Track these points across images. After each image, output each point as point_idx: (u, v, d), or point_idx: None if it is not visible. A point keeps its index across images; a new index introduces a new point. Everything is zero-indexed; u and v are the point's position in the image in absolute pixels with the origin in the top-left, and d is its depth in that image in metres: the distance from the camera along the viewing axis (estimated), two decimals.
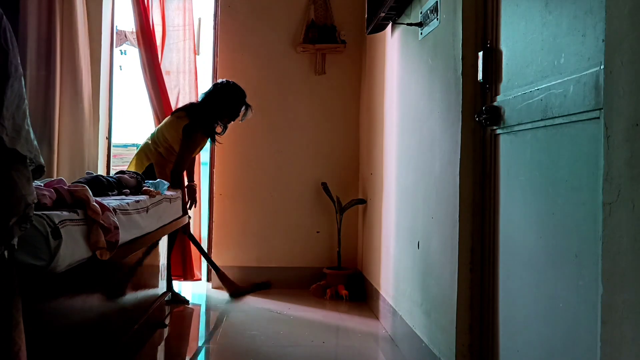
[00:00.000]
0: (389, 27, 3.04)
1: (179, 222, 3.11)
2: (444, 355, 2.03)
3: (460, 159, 1.91)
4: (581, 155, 1.28)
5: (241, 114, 3.55)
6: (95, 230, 1.63)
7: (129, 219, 2.01)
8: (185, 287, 3.95)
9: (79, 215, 1.58)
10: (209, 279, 4.07)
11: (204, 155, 4.02)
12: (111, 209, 1.78)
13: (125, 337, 2.19)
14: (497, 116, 1.72)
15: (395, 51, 2.96)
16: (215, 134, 3.56)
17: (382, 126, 3.27)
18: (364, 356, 2.68)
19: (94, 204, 1.66)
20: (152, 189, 2.59)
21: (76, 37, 3.61)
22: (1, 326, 1.12)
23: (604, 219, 1.10)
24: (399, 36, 2.85)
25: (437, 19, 2.19)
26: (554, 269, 1.40)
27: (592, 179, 1.23)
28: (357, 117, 4.09)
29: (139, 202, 2.22)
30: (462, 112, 1.91)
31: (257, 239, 4.01)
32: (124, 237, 1.85)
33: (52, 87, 3.54)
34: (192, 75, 4.11)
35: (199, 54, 4.29)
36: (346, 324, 3.17)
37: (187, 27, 4.13)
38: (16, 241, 1.17)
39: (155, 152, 3.43)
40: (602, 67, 1.15)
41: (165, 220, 2.70)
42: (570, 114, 1.31)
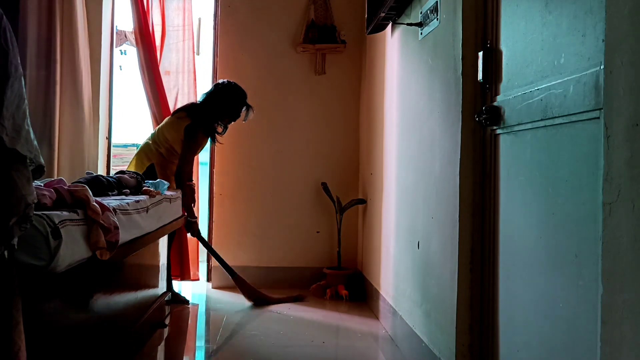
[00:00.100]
0: (389, 27, 3.04)
1: (179, 222, 3.11)
2: (444, 355, 2.03)
3: (460, 159, 1.92)
4: (581, 155, 1.28)
5: (242, 114, 3.55)
6: (95, 230, 1.63)
7: (129, 219, 2.01)
8: (185, 287, 3.94)
9: (79, 215, 1.58)
10: (209, 279, 4.07)
11: (204, 155, 4.02)
12: (111, 209, 1.77)
13: (125, 337, 2.18)
14: (497, 116, 1.72)
15: (395, 51, 2.96)
16: (215, 134, 3.56)
17: (382, 126, 3.27)
18: (364, 356, 2.68)
19: (94, 204, 1.66)
20: (152, 189, 2.59)
21: (76, 37, 3.61)
22: (1, 326, 1.11)
23: (604, 219, 1.10)
24: (399, 36, 2.85)
25: (437, 19, 2.19)
26: (554, 269, 1.40)
27: (592, 179, 1.23)
28: (357, 117, 4.08)
29: (139, 202, 2.22)
30: (462, 112, 1.91)
31: (257, 239, 4.01)
32: (124, 237, 1.85)
33: (52, 87, 3.54)
34: (191, 75, 4.11)
35: (198, 54, 4.29)
36: (346, 324, 3.17)
37: (187, 27, 4.12)
38: (16, 241, 1.16)
39: (156, 152, 3.42)
40: (602, 67, 1.15)
41: (165, 220, 2.70)
42: (570, 114, 1.31)
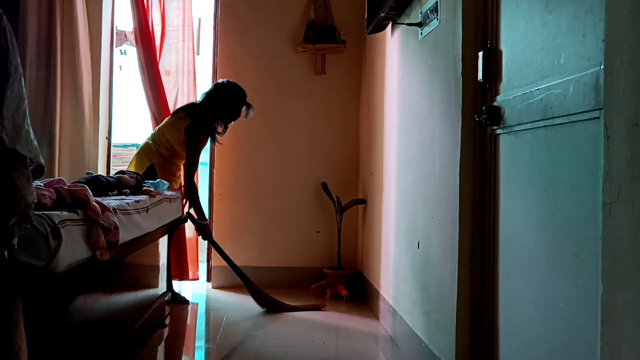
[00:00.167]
0: (389, 27, 3.03)
1: (179, 222, 3.11)
2: (444, 355, 2.03)
3: (460, 159, 1.92)
4: (581, 155, 1.28)
5: (242, 113, 3.55)
6: (95, 230, 1.63)
7: (129, 219, 2.01)
8: (185, 287, 3.94)
9: (79, 215, 1.58)
10: (209, 279, 4.07)
11: (204, 155, 4.01)
12: (111, 209, 1.78)
13: (125, 337, 2.18)
14: (497, 116, 1.72)
15: (395, 51, 2.96)
16: (216, 133, 3.56)
17: (382, 126, 3.27)
18: (364, 356, 2.68)
19: (94, 204, 1.66)
20: (152, 189, 2.60)
21: (76, 37, 3.61)
22: (1, 326, 1.12)
23: (604, 219, 1.10)
24: (399, 36, 2.85)
25: (437, 19, 2.19)
26: (554, 269, 1.40)
27: (592, 179, 1.23)
28: (357, 117, 4.08)
29: (139, 202, 2.22)
30: (462, 112, 1.91)
31: (257, 239, 4.01)
32: (124, 237, 1.85)
33: (52, 87, 3.54)
34: (190, 75, 4.11)
35: (198, 54, 4.28)
36: (346, 324, 3.17)
37: (187, 27, 4.12)
38: (16, 241, 1.17)
39: (156, 152, 3.42)
40: (602, 67, 1.15)
41: (165, 220, 2.70)
42: (570, 114, 1.31)
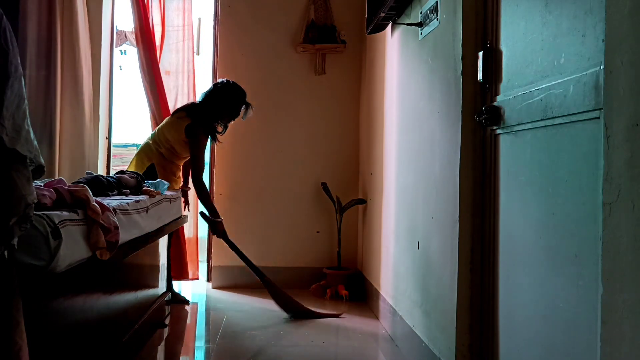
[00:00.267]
0: (389, 27, 3.03)
1: (179, 222, 3.11)
2: (444, 355, 2.03)
3: (460, 159, 1.92)
4: (581, 155, 1.28)
5: (242, 113, 3.55)
6: (95, 230, 1.63)
7: (129, 219, 2.01)
8: (185, 287, 3.94)
9: (79, 215, 1.58)
10: (209, 279, 4.07)
11: (204, 155, 4.01)
12: (111, 209, 1.78)
13: (125, 337, 2.18)
14: (497, 116, 1.72)
15: (395, 51, 2.96)
16: (216, 133, 3.56)
17: (382, 126, 3.27)
18: (364, 356, 2.69)
19: (94, 204, 1.66)
20: (152, 189, 2.59)
21: (76, 37, 3.61)
22: (1, 326, 1.12)
23: (604, 219, 1.10)
24: (399, 36, 2.85)
25: (437, 19, 2.19)
26: (554, 269, 1.40)
27: (592, 179, 1.23)
28: (357, 117, 4.08)
29: (139, 202, 2.22)
30: (462, 112, 1.91)
31: (257, 239, 4.01)
32: (124, 237, 1.85)
33: (52, 87, 3.54)
34: (190, 75, 4.11)
35: (198, 54, 4.28)
36: (346, 324, 3.17)
37: (187, 27, 4.12)
38: (16, 241, 1.17)
39: (156, 152, 3.42)
40: (602, 67, 1.15)
41: (165, 220, 2.70)
42: (570, 114, 1.31)
